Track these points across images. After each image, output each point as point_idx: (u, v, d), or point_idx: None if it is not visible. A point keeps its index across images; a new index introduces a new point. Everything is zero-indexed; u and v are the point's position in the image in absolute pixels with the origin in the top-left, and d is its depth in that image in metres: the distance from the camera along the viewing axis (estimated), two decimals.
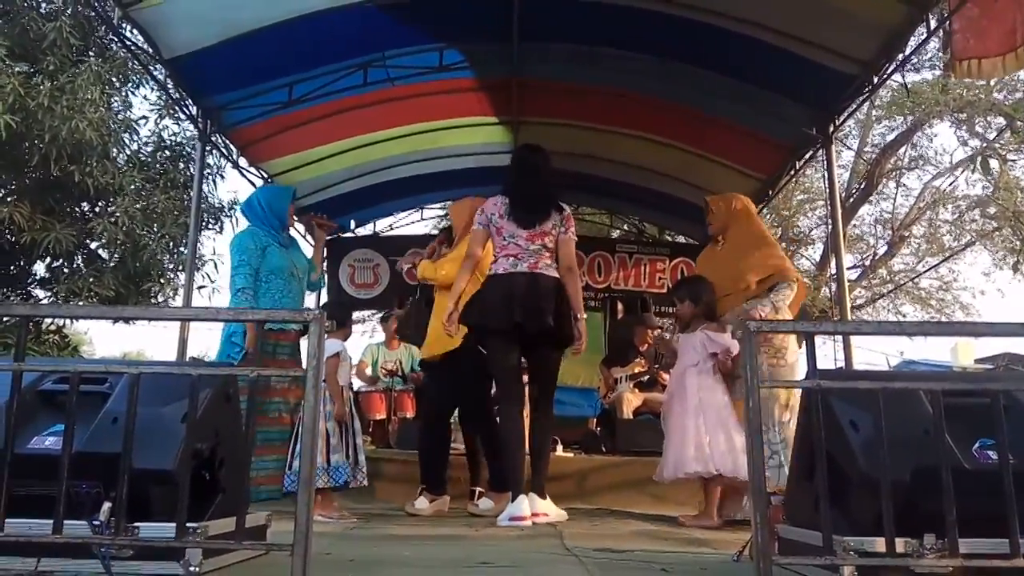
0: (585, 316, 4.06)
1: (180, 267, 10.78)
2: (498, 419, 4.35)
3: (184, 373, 2.10)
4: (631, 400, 6.51)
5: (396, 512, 4.51)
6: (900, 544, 1.92)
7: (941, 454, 1.90)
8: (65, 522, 1.91)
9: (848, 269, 13.85)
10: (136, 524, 1.98)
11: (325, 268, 5.02)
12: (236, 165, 7.30)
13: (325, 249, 6.55)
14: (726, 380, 4.12)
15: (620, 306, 8.83)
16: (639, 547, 3.06)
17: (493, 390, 4.56)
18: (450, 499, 4.55)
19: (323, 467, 3.89)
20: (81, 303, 9.67)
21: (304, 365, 1.96)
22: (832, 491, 1.95)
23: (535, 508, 3.79)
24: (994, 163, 12.17)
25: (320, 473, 3.85)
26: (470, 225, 4.33)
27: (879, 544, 1.89)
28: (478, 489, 4.53)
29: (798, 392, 3.89)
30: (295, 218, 4.77)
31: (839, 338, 6.29)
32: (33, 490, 2.02)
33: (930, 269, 15.35)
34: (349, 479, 3.99)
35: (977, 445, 2.15)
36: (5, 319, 8.59)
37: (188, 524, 1.95)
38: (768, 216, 13.65)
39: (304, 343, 4.15)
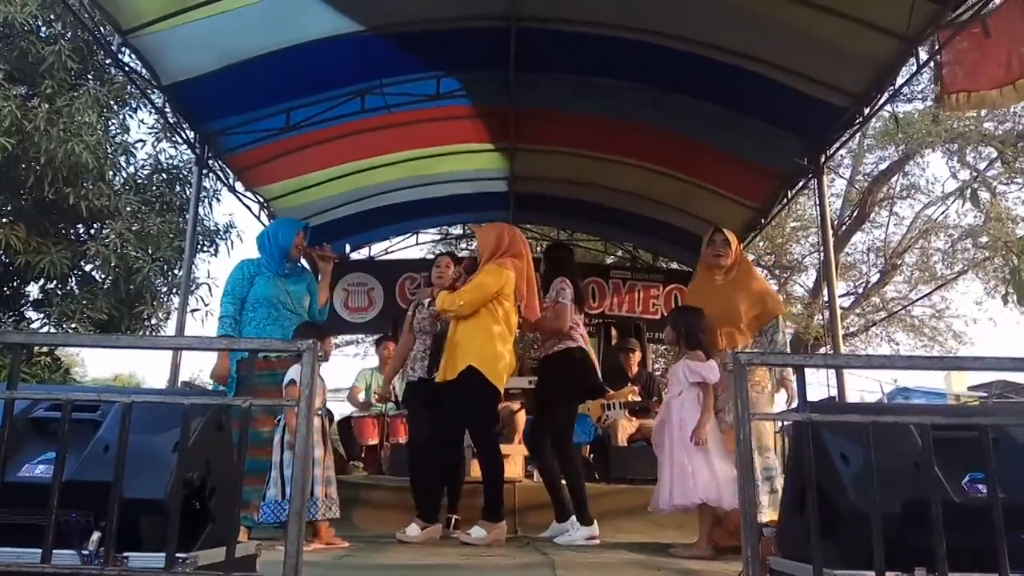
0: None
1: (174, 290, 10.77)
2: (492, 452, 4.46)
3: (176, 402, 2.10)
4: (625, 427, 6.48)
5: (388, 540, 4.48)
6: None
7: (931, 488, 1.91)
8: (54, 551, 1.90)
9: (841, 296, 13.96)
10: (126, 554, 1.97)
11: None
12: (232, 189, 7.32)
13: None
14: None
15: (614, 332, 8.83)
16: None
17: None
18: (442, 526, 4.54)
19: (278, 501, 3.81)
20: (74, 326, 9.65)
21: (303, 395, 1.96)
22: (823, 524, 1.95)
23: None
24: (984, 195, 12.27)
25: (274, 507, 3.81)
26: (496, 252, 4.48)
27: None
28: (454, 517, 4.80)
29: (768, 427, 3.97)
30: (302, 250, 4.74)
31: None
32: (22, 519, 2.01)
33: (923, 297, 15.39)
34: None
35: (967, 479, 2.15)
36: None
37: (178, 554, 1.94)
38: (761, 243, 13.72)
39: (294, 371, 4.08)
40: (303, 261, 4.99)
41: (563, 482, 4.59)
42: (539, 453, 4.75)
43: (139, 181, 11.14)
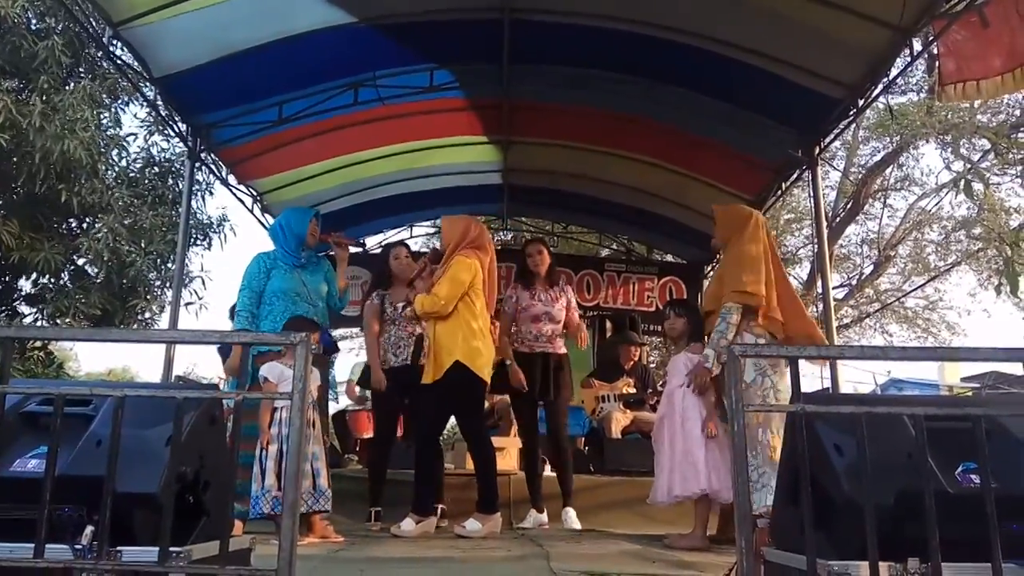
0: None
1: (167, 283, 10.74)
2: (484, 445, 4.50)
3: (169, 396, 2.09)
4: (619, 419, 6.49)
5: (382, 534, 4.49)
6: (884, 569, 1.92)
7: (924, 478, 1.91)
8: (47, 546, 1.88)
9: (835, 288, 13.98)
10: (119, 548, 1.96)
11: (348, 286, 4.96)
12: (225, 183, 7.29)
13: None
14: (717, 399, 4.11)
15: (609, 324, 8.84)
16: (625, 569, 3.06)
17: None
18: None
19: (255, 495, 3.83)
20: (68, 321, 9.62)
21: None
22: (816, 515, 1.95)
23: None
24: (978, 186, 12.31)
25: (253, 501, 3.82)
26: (460, 243, 4.48)
27: (863, 569, 1.89)
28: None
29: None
30: (316, 237, 4.70)
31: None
32: (14, 514, 2.00)
33: (916, 289, 15.46)
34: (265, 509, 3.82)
35: (960, 469, 2.15)
36: None
37: (171, 548, 1.93)
38: None
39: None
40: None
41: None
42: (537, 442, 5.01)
43: (131, 175, 11.09)
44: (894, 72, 5.48)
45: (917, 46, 5.00)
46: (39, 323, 10.29)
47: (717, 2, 5.17)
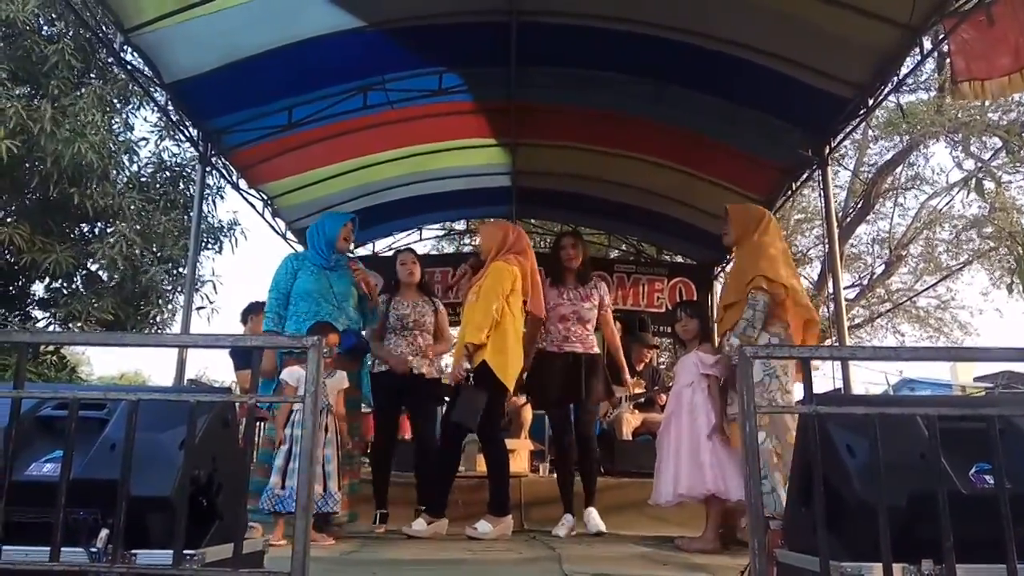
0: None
1: (179, 288, 10.79)
2: (498, 448, 4.51)
3: (182, 399, 2.11)
4: (630, 421, 6.49)
5: (394, 535, 4.49)
6: (897, 570, 1.91)
7: (938, 479, 1.90)
8: (63, 549, 1.90)
9: (846, 288, 13.94)
10: (134, 551, 1.97)
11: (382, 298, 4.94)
12: (236, 187, 7.33)
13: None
14: (722, 400, 4.10)
15: (619, 326, 8.80)
16: (637, 571, 3.05)
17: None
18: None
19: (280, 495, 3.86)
20: (80, 325, 9.68)
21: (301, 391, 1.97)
22: (829, 516, 1.95)
23: None
24: (989, 185, 12.23)
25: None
26: (501, 250, 4.51)
27: (876, 570, 1.88)
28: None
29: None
30: (351, 241, 4.77)
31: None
32: (31, 517, 2.01)
33: (928, 288, 15.38)
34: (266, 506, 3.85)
35: (974, 470, 2.14)
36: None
37: (186, 551, 1.94)
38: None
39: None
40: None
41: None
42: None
43: (143, 179, 11.16)
44: (904, 71, 5.45)
45: (927, 44, 4.98)
46: (51, 327, 10.35)
47: (725, 3, 5.16)
